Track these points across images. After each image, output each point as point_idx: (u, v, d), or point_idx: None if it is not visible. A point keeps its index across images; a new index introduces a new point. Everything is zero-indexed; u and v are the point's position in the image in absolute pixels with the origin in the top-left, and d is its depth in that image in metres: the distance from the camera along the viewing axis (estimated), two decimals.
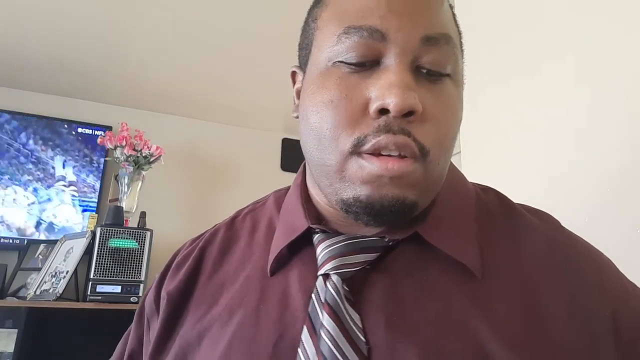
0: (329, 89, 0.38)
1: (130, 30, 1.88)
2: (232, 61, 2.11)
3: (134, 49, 2.02)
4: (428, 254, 0.40)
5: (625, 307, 0.40)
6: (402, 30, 0.37)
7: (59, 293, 1.76)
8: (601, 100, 0.78)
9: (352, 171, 0.37)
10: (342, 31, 0.38)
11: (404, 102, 0.35)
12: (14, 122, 2.29)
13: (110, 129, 2.40)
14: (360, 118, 0.37)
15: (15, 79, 2.28)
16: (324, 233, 0.42)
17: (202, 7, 1.73)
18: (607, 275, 0.42)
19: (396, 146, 0.36)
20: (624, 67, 0.74)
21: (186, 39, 1.94)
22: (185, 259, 0.50)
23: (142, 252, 1.96)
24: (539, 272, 0.40)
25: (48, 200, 2.29)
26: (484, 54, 1.09)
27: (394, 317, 0.37)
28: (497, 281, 0.39)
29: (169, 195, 2.52)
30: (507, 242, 0.42)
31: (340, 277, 0.38)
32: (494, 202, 0.47)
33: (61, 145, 2.36)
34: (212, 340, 0.41)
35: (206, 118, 2.70)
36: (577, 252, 0.42)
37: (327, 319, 0.36)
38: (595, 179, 0.77)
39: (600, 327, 0.37)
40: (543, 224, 0.45)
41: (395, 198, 0.36)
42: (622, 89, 0.74)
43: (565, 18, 0.87)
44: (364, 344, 0.35)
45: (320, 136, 0.38)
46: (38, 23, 1.84)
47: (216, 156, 2.69)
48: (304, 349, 0.36)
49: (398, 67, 0.37)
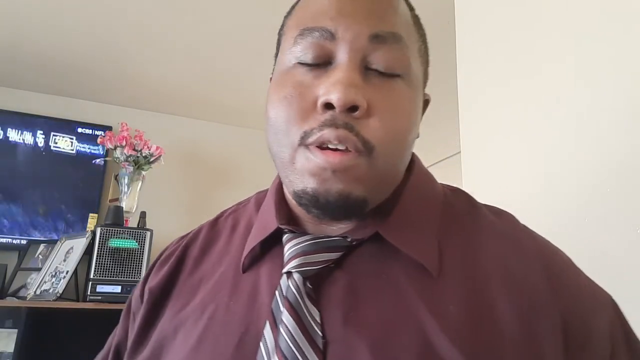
0: (285, 86, 0.41)
1: (130, 30, 1.89)
2: (233, 61, 2.11)
3: (134, 48, 2.03)
4: (389, 253, 0.42)
5: (576, 306, 0.40)
6: (350, 30, 0.39)
7: (59, 293, 1.76)
8: (601, 100, 0.78)
9: (301, 163, 0.39)
10: (298, 34, 0.41)
11: (346, 97, 0.37)
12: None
13: (110, 129, 2.40)
14: (310, 113, 0.39)
15: (15, 79, 2.28)
16: (292, 233, 0.44)
17: (202, 7, 1.73)
18: (560, 272, 0.42)
19: (338, 140, 0.37)
20: (624, 67, 0.74)
21: (186, 39, 1.94)
22: (169, 257, 0.53)
23: (142, 252, 1.96)
24: (491, 270, 0.41)
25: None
26: (483, 54, 1.09)
27: (351, 313, 0.38)
28: (452, 280, 0.40)
29: (169, 195, 2.52)
30: (467, 242, 0.43)
31: (301, 275, 0.40)
32: (461, 204, 0.48)
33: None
34: (186, 333, 0.43)
35: (206, 118, 2.70)
36: (530, 248, 0.43)
37: (286, 315, 0.38)
38: (595, 179, 0.77)
39: (546, 325, 0.38)
40: (500, 222, 0.46)
41: (339, 192, 0.38)
42: (622, 89, 0.74)
43: (564, 18, 0.87)
44: (320, 338, 0.37)
45: (276, 130, 0.41)
46: (38, 23, 1.84)
47: (216, 156, 2.69)
48: (265, 342, 0.38)
49: (346, 65, 0.39)
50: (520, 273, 0.41)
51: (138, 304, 0.51)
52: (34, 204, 2.25)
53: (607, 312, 0.42)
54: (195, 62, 2.13)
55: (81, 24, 1.85)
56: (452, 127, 1.09)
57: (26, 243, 2.15)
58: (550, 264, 0.42)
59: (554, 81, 0.88)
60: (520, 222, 0.47)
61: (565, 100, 0.85)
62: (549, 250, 0.44)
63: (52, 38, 1.94)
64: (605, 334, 0.40)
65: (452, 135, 1.14)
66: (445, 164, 3.10)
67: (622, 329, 0.42)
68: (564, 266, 0.43)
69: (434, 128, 2.65)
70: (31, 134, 2.31)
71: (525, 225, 0.47)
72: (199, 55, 2.07)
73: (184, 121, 2.68)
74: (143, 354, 0.45)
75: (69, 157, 2.37)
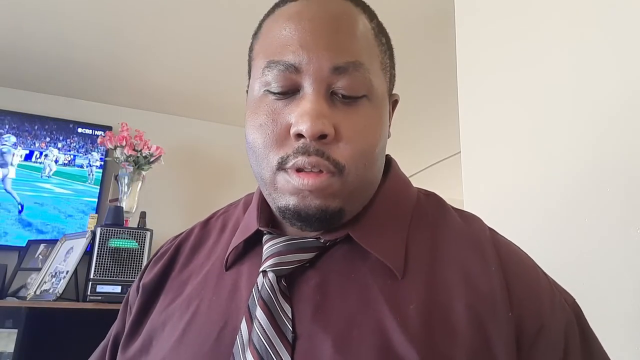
0: (259, 115, 0.44)
1: (130, 30, 1.88)
2: (233, 61, 2.11)
3: (134, 49, 2.03)
4: (358, 254, 0.45)
5: (532, 309, 0.42)
6: (313, 63, 0.42)
7: (59, 293, 1.76)
8: (601, 101, 0.78)
9: (281, 184, 0.43)
10: (265, 65, 0.44)
11: (314, 128, 0.40)
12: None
13: (110, 129, 2.40)
14: (284, 139, 0.43)
15: (16, 79, 2.28)
16: (270, 234, 0.47)
17: (202, 7, 1.73)
18: (519, 277, 0.44)
19: (311, 165, 0.41)
20: (625, 69, 0.75)
21: (186, 39, 1.94)
22: (163, 255, 0.56)
23: (142, 252, 1.96)
24: (452, 273, 0.43)
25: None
26: (483, 54, 1.10)
27: (319, 309, 0.42)
28: (414, 281, 0.43)
29: (169, 195, 2.52)
30: (433, 246, 0.46)
31: (275, 274, 0.43)
32: (432, 207, 0.51)
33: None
34: (172, 326, 0.46)
35: (206, 118, 2.70)
36: (490, 253, 0.45)
37: (259, 311, 0.41)
38: (595, 179, 0.77)
39: (500, 331, 0.40)
40: (467, 226, 0.48)
41: (317, 207, 0.42)
42: (623, 90, 0.74)
43: (565, 18, 0.87)
44: (290, 333, 0.40)
45: (256, 154, 0.45)
46: (39, 23, 1.84)
47: (216, 156, 2.69)
48: (241, 336, 0.41)
49: (312, 96, 0.42)
50: (479, 277, 0.43)
51: (134, 298, 0.54)
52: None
53: (565, 313, 0.44)
54: (196, 62, 2.13)
55: (81, 24, 1.85)
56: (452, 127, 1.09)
57: (26, 243, 2.15)
58: (510, 269, 0.44)
59: (554, 81, 0.88)
60: (488, 227, 0.49)
61: (565, 101, 0.85)
62: (509, 255, 0.46)
63: (52, 38, 1.94)
64: (559, 332, 0.42)
65: (452, 135, 1.14)
66: (445, 164, 3.10)
67: (580, 328, 0.44)
68: (524, 270, 0.45)
69: (434, 128, 2.65)
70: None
71: (494, 230, 0.49)
72: (199, 55, 2.07)
73: (184, 121, 2.68)
74: (135, 344, 0.49)
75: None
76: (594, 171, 0.77)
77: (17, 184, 2.26)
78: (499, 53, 1.04)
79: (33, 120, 2.34)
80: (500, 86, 1.02)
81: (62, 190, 2.33)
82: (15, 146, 2.29)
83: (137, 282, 0.56)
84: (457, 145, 1.13)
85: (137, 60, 2.12)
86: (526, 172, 0.91)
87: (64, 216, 2.31)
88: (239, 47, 1.99)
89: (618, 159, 0.73)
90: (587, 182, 0.78)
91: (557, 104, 0.86)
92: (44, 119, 2.36)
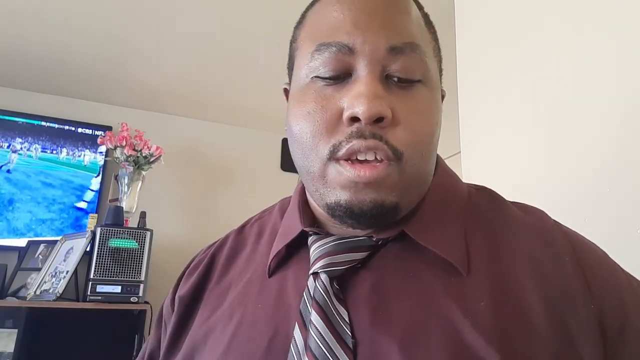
0: (307, 102, 0.41)
1: (130, 30, 1.88)
2: (233, 61, 2.11)
3: (133, 49, 2.02)
4: (415, 251, 0.42)
5: (612, 300, 0.39)
6: (368, 43, 0.40)
7: (59, 293, 1.76)
8: (601, 101, 0.78)
9: (332, 177, 0.40)
10: (315, 48, 0.42)
11: (371, 109, 0.38)
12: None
13: (110, 129, 2.40)
14: (336, 127, 0.40)
15: (15, 79, 2.28)
16: (316, 235, 0.45)
17: (202, 7, 1.73)
18: (593, 266, 0.41)
19: (368, 149, 0.38)
20: (625, 68, 0.74)
21: (186, 39, 1.94)
22: (197, 265, 0.54)
23: (142, 252, 1.96)
24: (520, 266, 0.40)
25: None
26: (483, 54, 1.10)
27: (379, 312, 0.39)
28: (480, 277, 0.40)
29: (169, 195, 2.52)
30: (494, 239, 0.43)
31: (328, 275, 0.41)
32: (485, 201, 0.48)
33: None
34: (216, 339, 0.44)
35: (206, 118, 2.70)
36: (560, 243, 0.42)
37: (315, 316, 0.39)
38: (596, 179, 0.77)
39: (580, 320, 0.37)
40: (529, 217, 0.45)
41: (373, 202, 0.39)
42: (623, 89, 0.74)
43: (565, 17, 0.87)
44: (350, 338, 0.37)
45: (303, 145, 0.42)
46: (38, 23, 1.84)
47: (216, 156, 2.69)
48: (295, 344, 0.38)
49: (367, 77, 0.39)
50: (550, 268, 0.40)
51: (169, 313, 0.52)
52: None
53: None
54: (196, 62, 2.12)
55: (81, 25, 1.85)
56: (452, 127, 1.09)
57: (26, 243, 2.15)
58: (583, 258, 0.41)
59: (554, 81, 0.88)
60: (551, 217, 0.46)
61: (565, 100, 0.85)
62: (581, 245, 0.43)
63: (52, 38, 1.94)
64: None
65: (452, 135, 1.14)
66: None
67: None
68: (598, 260, 0.42)
69: None
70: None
71: (557, 221, 0.46)
72: (199, 55, 2.06)
73: (184, 121, 2.68)
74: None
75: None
76: (594, 171, 0.77)
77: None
78: (499, 53, 1.04)
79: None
80: (500, 86, 1.02)
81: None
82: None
83: (171, 295, 0.53)
84: (457, 145, 1.13)
85: (137, 60, 2.12)
86: (526, 172, 0.91)
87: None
88: (239, 47, 2.00)
89: (618, 159, 0.73)
90: (587, 182, 0.78)
91: (557, 104, 0.86)
92: (44, 119, 2.35)
